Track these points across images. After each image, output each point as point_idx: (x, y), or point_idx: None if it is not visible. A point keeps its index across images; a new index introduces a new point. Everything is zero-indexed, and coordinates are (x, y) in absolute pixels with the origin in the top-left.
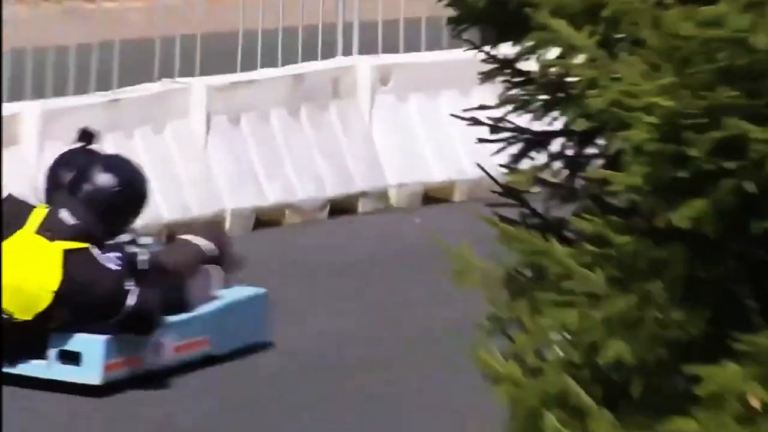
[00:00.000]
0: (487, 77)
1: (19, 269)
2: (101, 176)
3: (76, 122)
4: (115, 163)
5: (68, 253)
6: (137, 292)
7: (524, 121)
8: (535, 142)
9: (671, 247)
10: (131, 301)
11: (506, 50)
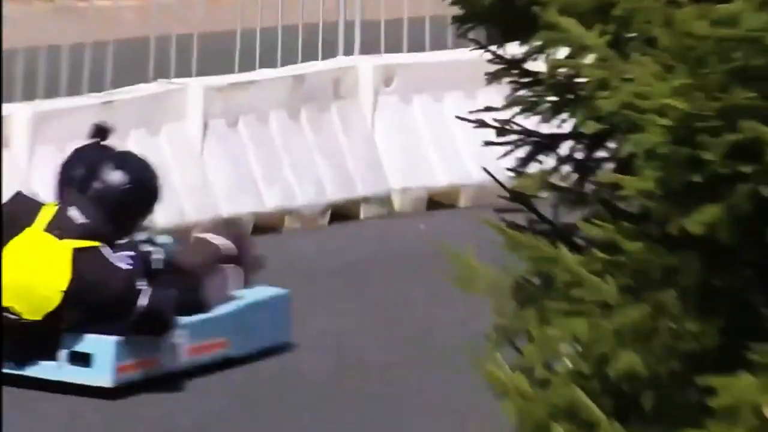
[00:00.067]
0: (493, 78)
1: (27, 268)
2: (112, 174)
3: (68, 125)
4: (126, 160)
5: (78, 252)
6: (149, 292)
7: (532, 123)
8: (543, 145)
9: (685, 254)
10: (143, 301)
11: (513, 50)
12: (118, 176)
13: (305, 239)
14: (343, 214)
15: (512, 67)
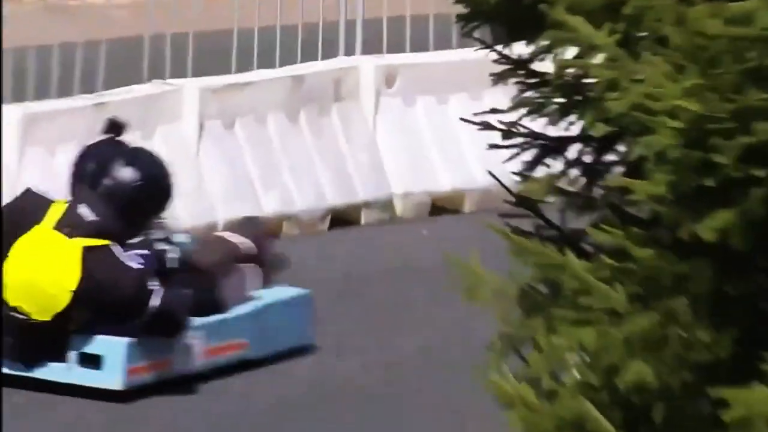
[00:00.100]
0: (499, 79)
1: (36, 267)
2: (122, 170)
3: (59, 127)
4: (137, 156)
5: (87, 250)
6: (162, 292)
7: (539, 125)
8: (550, 148)
9: (696, 261)
10: (155, 301)
11: (520, 50)
12: (129, 173)
13: (304, 245)
14: (343, 219)
15: (519, 67)
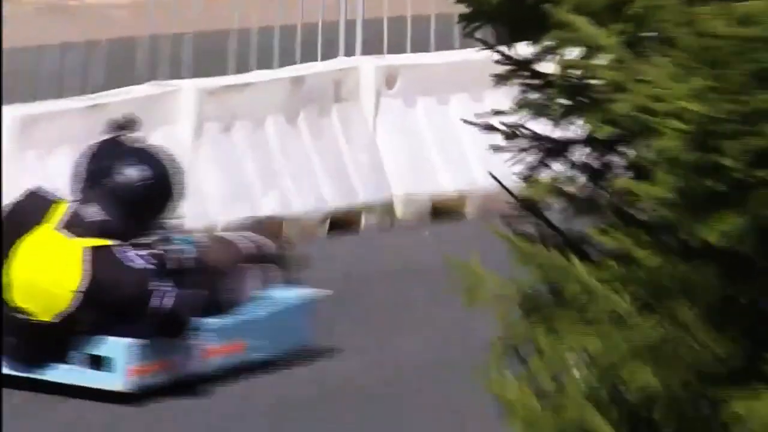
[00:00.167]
0: (501, 80)
1: (39, 267)
2: (127, 169)
3: (55, 129)
4: (144, 154)
5: (89, 251)
6: (166, 292)
7: (542, 127)
8: (553, 150)
9: (703, 265)
10: (158, 302)
11: (523, 50)
12: (134, 171)
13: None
14: (343, 222)
15: (521, 68)
